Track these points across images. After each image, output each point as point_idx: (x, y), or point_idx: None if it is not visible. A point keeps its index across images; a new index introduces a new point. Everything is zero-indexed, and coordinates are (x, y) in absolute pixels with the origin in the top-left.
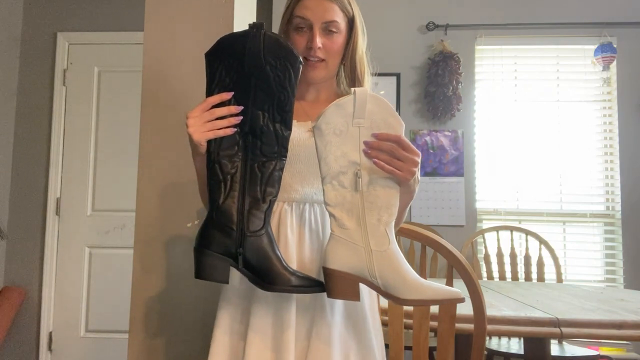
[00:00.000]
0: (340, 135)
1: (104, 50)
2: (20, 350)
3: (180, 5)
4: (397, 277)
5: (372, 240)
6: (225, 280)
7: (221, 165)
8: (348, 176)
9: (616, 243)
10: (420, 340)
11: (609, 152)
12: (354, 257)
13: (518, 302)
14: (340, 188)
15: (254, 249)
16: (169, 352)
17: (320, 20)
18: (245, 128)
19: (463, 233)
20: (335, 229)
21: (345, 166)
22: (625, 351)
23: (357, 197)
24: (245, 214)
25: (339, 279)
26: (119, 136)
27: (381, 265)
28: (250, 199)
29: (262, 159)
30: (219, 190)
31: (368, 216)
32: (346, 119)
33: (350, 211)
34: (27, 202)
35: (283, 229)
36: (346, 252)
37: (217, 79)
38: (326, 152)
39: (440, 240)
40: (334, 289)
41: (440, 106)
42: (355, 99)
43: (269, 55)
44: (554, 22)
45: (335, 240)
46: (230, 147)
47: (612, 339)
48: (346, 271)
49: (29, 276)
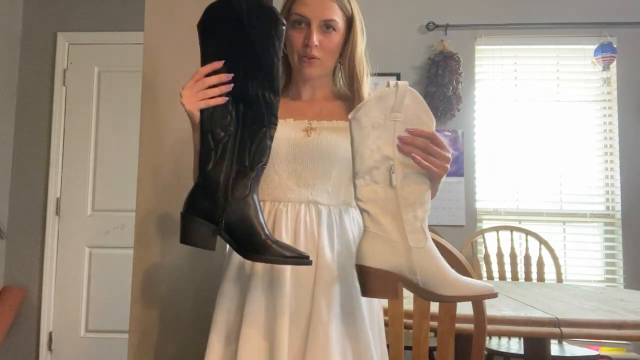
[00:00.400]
0: (377, 128)
1: (104, 50)
2: (20, 350)
3: (180, 5)
4: (438, 274)
5: (410, 237)
6: (209, 247)
7: (213, 134)
8: (381, 171)
9: (616, 243)
10: (420, 340)
11: (609, 152)
12: (393, 254)
13: (518, 302)
14: (373, 183)
15: (237, 214)
16: (169, 352)
17: (318, 18)
18: (237, 97)
19: (463, 233)
20: (369, 225)
21: (379, 161)
22: (625, 351)
23: (391, 193)
24: (231, 181)
25: (378, 278)
26: (119, 136)
27: (421, 262)
28: (238, 166)
29: (253, 127)
30: (208, 158)
31: (404, 212)
32: (385, 112)
33: (384, 208)
34: (27, 202)
35: (278, 229)
36: (384, 249)
37: (209, 49)
38: (363, 147)
39: (440, 240)
40: (373, 288)
41: (440, 106)
42: (397, 92)
43: (253, 18)
44: (554, 22)
45: (372, 237)
46: (223, 117)
47: (612, 339)
48: (385, 268)
49: (29, 276)
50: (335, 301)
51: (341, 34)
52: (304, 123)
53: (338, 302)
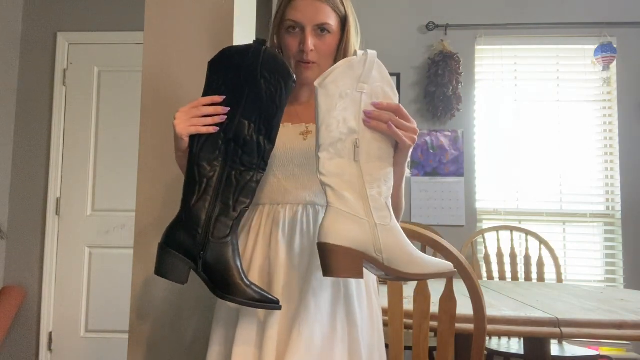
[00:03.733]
0: (344, 98)
1: (104, 50)
2: (20, 350)
3: (180, 6)
4: (402, 252)
5: (376, 214)
6: (182, 281)
7: (200, 168)
8: (346, 145)
9: (616, 243)
10: (420, 340)
11: (609, 152)
12: (359, 231)
13: (518, 302)
14: (337, 157)
15: (215, 255)
16: (169, 352)
17: (311, 23)
18: (229, 134)
19: (463, 233)
20: (333, 201)
21: (345, 134)
22: (625, 351)
23: (356, 167)
24: (213, 219)
25: (342, 256)
26: (119, 136)
27: (386, 240)
28: (221, 205)
29: (241, 168)
30: (192, 192)
31: (369, 188)
32: (352, 82)
33: (349, 182)
34: (27, 202)
35: (275, 230)
36: (349, 225)
37: (214, 86)
38: (330, 117)
39: (440, 240)
40: (337, 267)
41: (440, 106)
42: (367, 62)
43: (265, 70)
44: (554, 22)
45: (336, 213)
46: (211, 151)
47: (612, 339)
48: (350, 246)
49: (29, 276)
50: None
51: (336, 36)
52: (302, 127)
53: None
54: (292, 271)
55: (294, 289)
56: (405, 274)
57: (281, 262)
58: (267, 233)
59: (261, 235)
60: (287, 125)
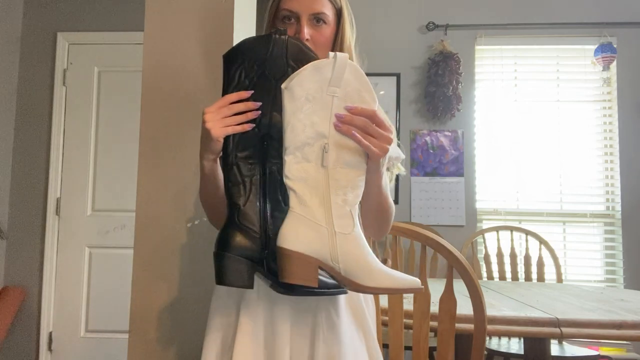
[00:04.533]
0: (312, 101)
1: (104, 50)
2: (20, 350)
3: (180, 5)
4: (362, 263)
5: (337, 222)
6: (251, 286)
7: (239, 168)
8: (314, 149)
9: (616, 243)
10: (420, 340)
11: (609, 152)
12: (316, 239)
13: (518, 302)
14: (304, 161)
15: None
16: (169, 352)
17: (307, 12)
18: (263, 129)
19: (463, 233)
20: (295, 205)
21: (312, 137)
22: (625, 351)
23: (322, 173)
24: (268, 217)
25: (297, 261)
26: (119, 136)
27: (345, 249)
28: (271, 202)
29: (279, 162)
30: (239, 193)
31: (333, 195)
32: (321, 85)
33: (314, 188)
34: (27, 202)
35: None
36: (307, 232)
37: (236, 81)
38: (295, 120)
39: (440, 240)
40: (292, 272)
41: (440, 106)
42: (335, 64)
43: (292, 59)
44: (554, 22)
45: (296, 219)
46: (247, 149)
47: (612, 339)
48: (306, 253)
49: (29, 276)
50: (341, 301)
51: (332, 27)
52: None
53: (344, 302)
54: None
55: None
56: (363, 287)
57: None
58: None
59: None
60: None
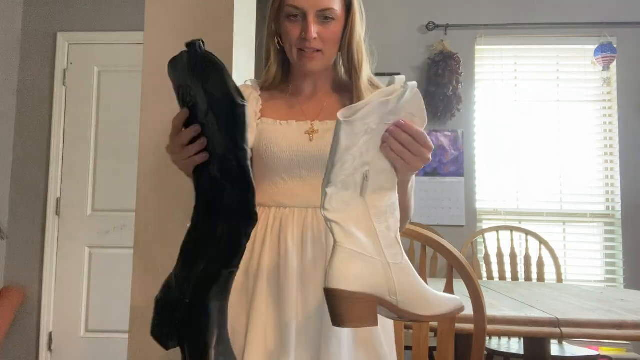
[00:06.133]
0: (370, 134)
1: (104, 50)
2: (20, 350)
3: (180, 5)
4: (417, 292)
5: (387, 251)
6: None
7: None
8: (355, 177)
9: (616, 243)
10: (420, 340)
11: (609, 152)
12: (372, 274)
13: (518, 302)
14: (343, 190)
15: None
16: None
17: (314, 9)
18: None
19: (463, 233)
20: (342, 239)
21: (357, 168)
22: (625, 351)
23: (361, 201)
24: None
25: (356, 303)
26: (119, 136)
27: (401, 279)
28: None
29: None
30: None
31: (376, 223)
32: (382, 116)
33: (357, 219)
34: (27, 202)
35: (283, 236)
36: (362, 267)
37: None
38: (348, 155)
39: (440, 240)
40: (350, 316)
41: (440, 106)
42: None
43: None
44: (554, 22)
45: (346, 253)
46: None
47: (612, 339)
48: (364, 291)
49: (29, 276)
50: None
51: (340, 22)
52: (307, 125)
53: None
54: (305, 286)
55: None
56: (420, 317)
57: (292, 272)
58: (275, 238)
59: (269, 240)
60: (291, 123)
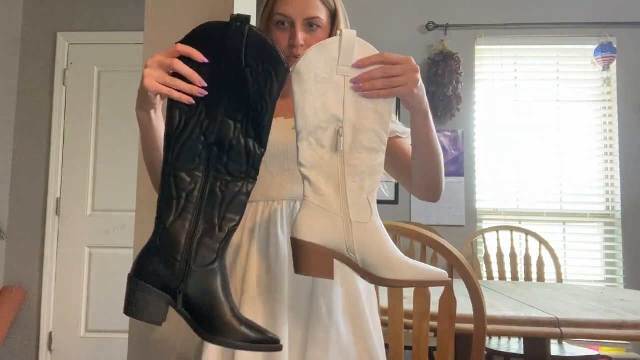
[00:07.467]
0: (322, 82)
1: (104, 50)
2: (20, 350)
3: (180, 5)
4: (379, 254)
5: (353, 210)
6: (158, 322)
7: (177, 179)
8: (328, 133)
9: (616, 243)
10: (420, 340)
11: (609, 152)
12: (331, 229)
13: (518, 302)
14: (318, 147)
15: (199, 287)
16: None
17: (301, 17)
18: (211, 138)
19: (463, 233)
20: (309, 194)
21: (326, 121)
22: (625, 351)
23: (337, 158)
24: (195, 243)
25: (311, 253)
26: (119, 136)
27: (362, 239)
28: (204, 225)
29: (227, 178)
30: (169, 209)
31: (349, 182)
32: (330, 65)
33: (328, 175)
34: (27, 202)
35: (274, 228)
36: (322, 222)
37: None
38: (304, 102)
39: (440, 240)
40: (306, 265)
41: (440, 106)
42: (342, 42)
43: (251, 56)
44: (554, 22)
45: (310, 208)
46: (190, 158)
47: (612, 339)
48: (321, 244)
49: (29, 276)
50: (335, 301)
51: (326, 30)
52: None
53: (339, 302)
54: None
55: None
56: (382, 279)
57: (284, 258)
58: (264, 231)
59: (257, 234)
60: (279, 120)
